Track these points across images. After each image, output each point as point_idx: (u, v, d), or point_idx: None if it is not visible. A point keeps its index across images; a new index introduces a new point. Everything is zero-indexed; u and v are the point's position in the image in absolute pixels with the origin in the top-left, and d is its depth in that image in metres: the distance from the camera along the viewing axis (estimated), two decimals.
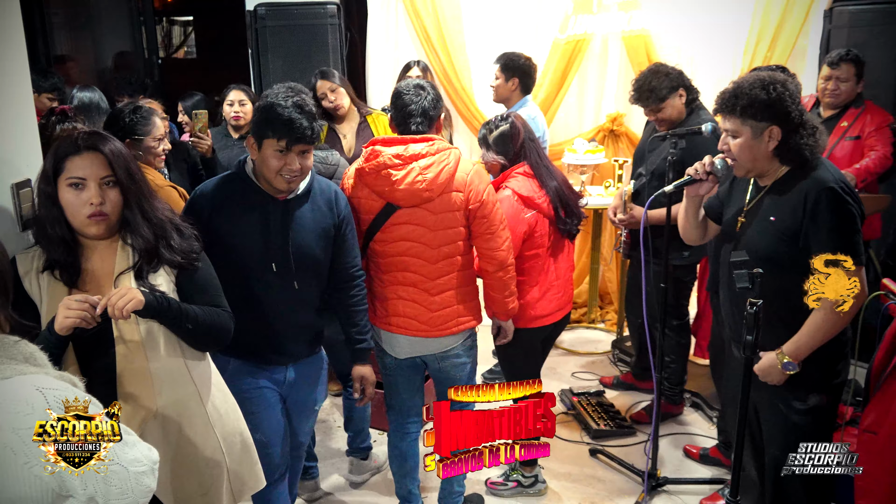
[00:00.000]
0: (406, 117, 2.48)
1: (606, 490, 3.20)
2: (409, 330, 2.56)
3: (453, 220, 2.48)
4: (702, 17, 4.52)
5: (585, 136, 4.83)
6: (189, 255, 1.91)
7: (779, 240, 2.15)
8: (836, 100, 3.73)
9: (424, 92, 2.49)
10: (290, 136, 2.12)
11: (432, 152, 2.42)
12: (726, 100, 2.19)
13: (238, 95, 4.08)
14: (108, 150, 1.80)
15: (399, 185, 2.40)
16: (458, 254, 2.53)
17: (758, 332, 1.88)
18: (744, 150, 2.18)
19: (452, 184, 2.44)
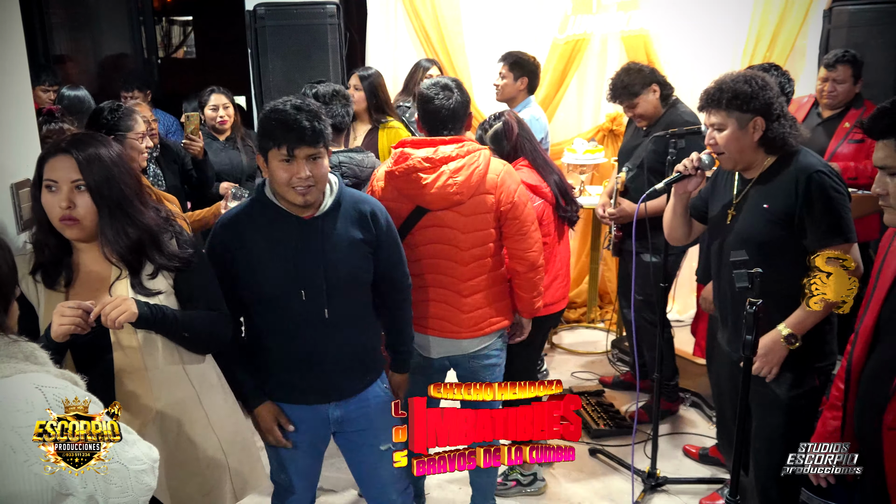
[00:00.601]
0: (438, 123, 2.46)
1: (606, 490, 3.20)
2: (442, 332, 2.54)
3: (484, 222, 2.47)
4: (701, 17, 4.52)
5: (585, 135, 4.83)
6: (182, 260, 1.87)
7: (773, 224, 2.21)
8: (833, 101, 3.74)
9: (453, 94, 2.47)
10: (289, 140, 1.92)
11: (462, 154, 2.40)
12: (711, 95, 2.25)
13: (220, 99, 4.06)
14: (81, 154, 1.75)
15: (430, 189, 2.38)
16: (489, 255, 2.53)
17: (758, 332, 1.88)
18: (730, 141, 2.24)
19: (483, 186, 2.43)
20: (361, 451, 2.28)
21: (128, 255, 1.80)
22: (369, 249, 2.13)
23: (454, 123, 2.48)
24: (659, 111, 3.47)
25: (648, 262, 3.23)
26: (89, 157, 1.76)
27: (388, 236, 2.18)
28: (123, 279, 1.81)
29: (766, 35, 4.45)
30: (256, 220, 2.07)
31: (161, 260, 1.84)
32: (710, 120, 2.28)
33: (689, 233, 2.58)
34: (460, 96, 2.48)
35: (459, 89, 2.50)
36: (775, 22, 4.43)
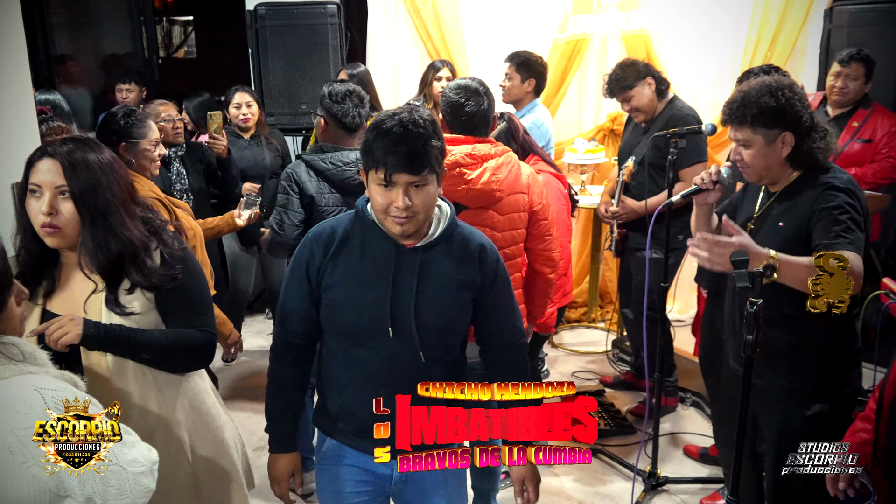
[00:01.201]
0: (472, 127, 2.46)
1: (606, 490, 3.20)
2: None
3: (518, 221, 2.48)
4: (701, 17, 4.52)
5: (585, 135, 4.83)
6: (164, 277, 1.75)
7: (787, 243, 2.11)
8: (843, 98, 3.74)
9: (483, 98, 2.48)
10: (388, 164, 1.65)
11: (499, 153, 2.43)
12: (734, 110, 2.13)
13: (244, 97, 4.09)
14: (68, 158, 1.67)
15: (475, 185, 2.38)
16: (520, 255, 2.54)
17: (758, 332, 1.87)
18: (757, 158, 2.14)
19: (519, 185, 2.46)
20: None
21: (106, 268, 1.71)
22: (471, 295, 1.83)
23: (484, 127, 2.49)
24: (654, 105, 3.48)
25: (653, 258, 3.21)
26: (75, 162, 1.67)
27: (496, 280, 1.86)
28: (98, 293, 1.73)
29: (766, 35, 4.45)
30: (352, 238, 1.81)
31: (138, 277, 1.73)
32: (736, 136, 2.16)
33: None
34: (488, 99, 2.50)
35: (487, 93, 2.51)
36: (776, 22, 4.42)
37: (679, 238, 3.38)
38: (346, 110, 2.74)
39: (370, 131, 1.70)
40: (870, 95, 3.78)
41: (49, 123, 3.20)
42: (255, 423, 3.74)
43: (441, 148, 1.72)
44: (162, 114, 3.53)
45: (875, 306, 2.39)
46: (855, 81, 3.70)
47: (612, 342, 4.48)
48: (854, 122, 3.74)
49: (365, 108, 2.83)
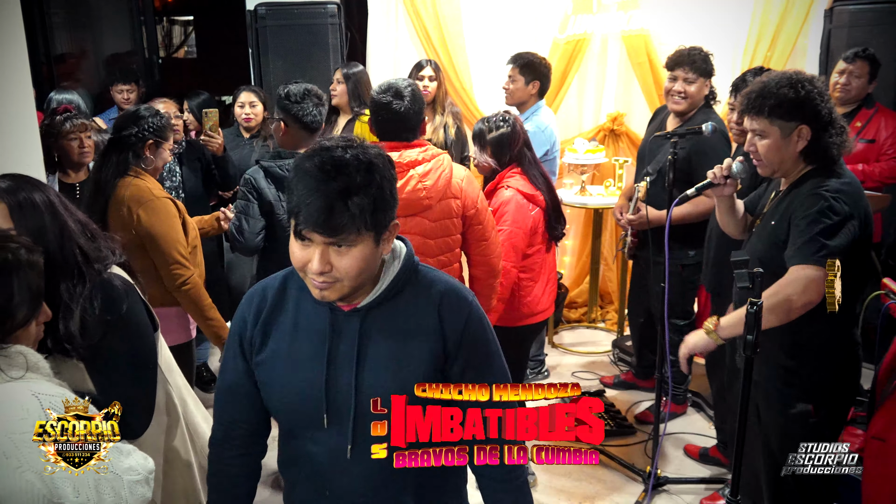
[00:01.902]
0: (394, 131, 2.37)
1: (606, 490, 3.19)
2: None
3: (451, 227, 2.43)
4: (701, 17, 4.51)
5: (585, 135, 4.82)
6: (78, 346, 1.55)
7: (772, 245, 2.13)
8: (846, 95, 3.74)
9: (404, 100, 2.36)
10: (298, 218, 1.29)
11: (428, 158, 2.35)
12: (753, 100, 2.11)
13: (248, 97, 4.11)
14: (16, 200, 1.56)
15: (399, 194, 2.29)
16: (456, 261, 2.49)
17: (758, 332, 1.88)
18: (771, 150, 2.12)
19: (450, 190, 2.39)
20: None
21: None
22: (436, 363, 1.45)
23: (407, 132, 2.38)
24: (696, 106, 3.42)
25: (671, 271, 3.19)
26: (22, 200, 1.57)
27: (472, 340, 1.47)
28: None
29: (766, 35, 4.45)
30: (286, 301, 1.48)
31: (50, 341, 1.54)
32: (752, 126, 2.14)
33: (744, 226, 2.44)
34: (412, 103, 2.37)
35: (414, 94, 2.39)
36: (776, 22, 4.42)
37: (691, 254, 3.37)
38: (305, 110, 2.68)
39: (294, 164, 1.34)
40: (873, 96, 3.78)
41: (73, 121, 3.20)
42: None
43: (385, 197, 1.32)
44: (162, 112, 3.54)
45: (875, 306, 2.40)
46: (858, 79, 3.70)
47: (613, 342, 4.48)
48: (857, 122, 3.73)
49: (324, 106, 2.78)
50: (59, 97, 4.14)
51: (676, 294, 3.10)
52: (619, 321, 4.62)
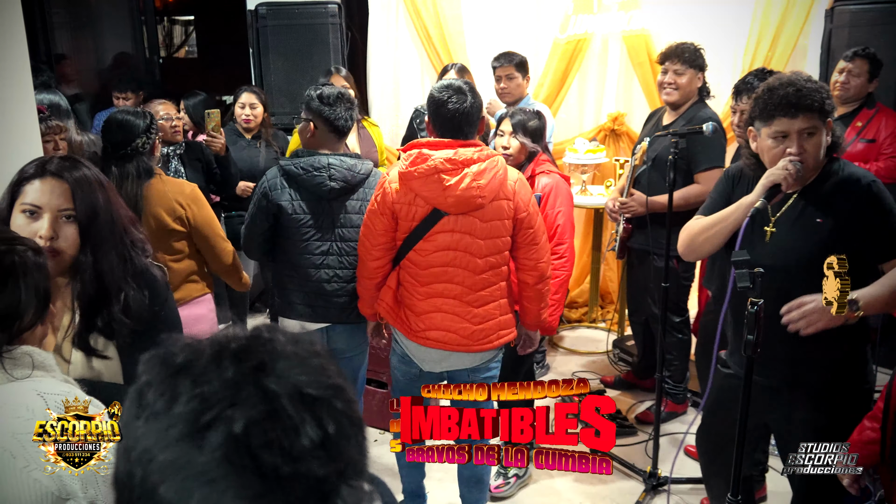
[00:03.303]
0: (453, 127, 2.36)
1: (607, 490, 3.20)
2: (447, 344, 2.45)
3: (501, 228, 2.40)
4: (702, 17, 4.51)
5: (586, 135, 4.83)
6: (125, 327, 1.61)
7: (828, 241, 2.03)
8: (844, 93, 3.74)
9: (467, 97, 2.38)
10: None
11: (483, 158, 2.33)
12: (802, 98, 2.01)
13: (249, 98, 4.12)
14: (75, 179, 1.58)
15: (454, 191, 2.29)
16: (504, 263, 2.47)
17: (758, 333, 1.87)
18: (820, 148, 2.06)
19: (504, 191, 2.37)
20: None
21: (93, 300, 1.61)
22: None
23: (469, 128, 2.39)
24: (690, 98, 3.44)
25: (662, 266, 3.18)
26: (82, 183, 1.59)
27: None
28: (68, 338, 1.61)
29: (767, 35, 4.45)
30: None
31: (101, 323, 1.61)
32: (799, 125, 2.03)
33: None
34: (473, 99, 2.40)
35: (472, 92, 2.41)
36: (776, 22, 4.42)
37: None
38: (337, 113, 2.69)
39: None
40: (875, 96, 3.78)
41: (47, 123, 3.20)
42: None
43: None
44: (161, 112, 3.55)
45: None
46: (857, 78, 3.71)
47: (613, 342, 4.48)
48: (858, 121, 3.74)
49: (354, 110, 2.81)
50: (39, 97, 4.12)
51: (670, 289, 3.10)
52: (619, 321, 4.62)
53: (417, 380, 2.58)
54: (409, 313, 2.49)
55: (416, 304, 2.46)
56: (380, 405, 3.60)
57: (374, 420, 3.64)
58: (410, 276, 2.46)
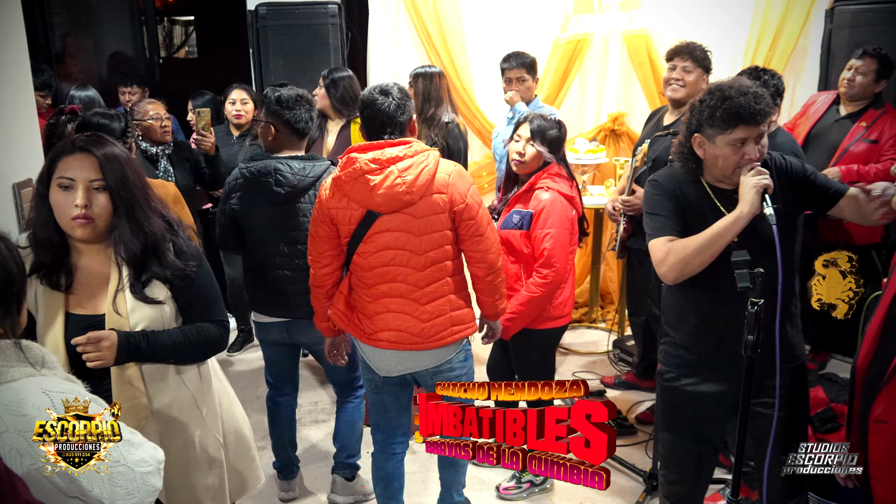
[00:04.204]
0: (378, 127, 2.39)
1: (608, 490, 3.19)
2: (400, 344, 2.44)
3: (438, 223, 2.38)
4: (702, 17, 4.52)
5: (586, 135, 4.83)
6: (181, 272, 1.85)
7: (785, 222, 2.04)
8: (850, 90, 3.76)
9: (390, 97, 2.38)
10: None
11: (410, 154, 2.33)
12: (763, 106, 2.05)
13: (240, 94, 4.14)
14: (102, 153, 1.76)
15: (378, 190, 2.29)
16: (448, 258, 2.44)
17: (759, 333, 1.88)
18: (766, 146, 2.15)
19: (433, 185, 2.35)
20: None
21: (137, 257, 1.80)
22: None
23: (392, 128, 2.39)
24: (693, 97, 3.42)
25: None
26: (108, 157, 1.77)
27: None
28: (122, 291, 1.80)
29: (767, 35, 4.45)
30: None
31: (157, 269, 1.82)
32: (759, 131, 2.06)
33: None
34: (399, 99, 2.39)
35: (401, 92, 2.42)
36: (777, 22, 4.42)
37: None
38: (297, 116, 2.75)
39: None
40: (883, 97, 3.77)
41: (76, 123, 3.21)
42: (255, 423, 3.72)
43: None
44: (150, 112, 3.56)
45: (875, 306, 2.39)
46: (864, 77, 3.71)
47: (613, 342, 4.48)
48: (863, 121, 3.74)
49: (314, 111, 2.84)
50: (80, 94, 4.17)
51: None
52: (619, 321, 4.62)
53: (382, 388, 2.59)
54: (361, 316, 2.49)
55: (367, 307, 2.46)
56: None
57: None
58: (358, 279, 2.47)
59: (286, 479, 3.17)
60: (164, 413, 1.85)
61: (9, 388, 1.27)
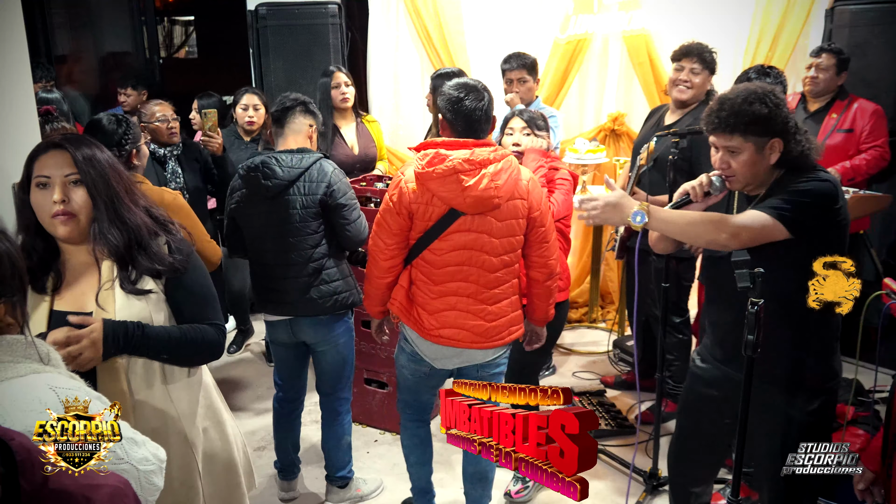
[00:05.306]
0: (473, 124, 2.39)
1: (607, 490, 3.19)
2: (461, 342, 2.47)
3: (516, 227, 2.43)
4: (702, 17, 4.52)
5: (586, 135, 4.83)
6: (170, 265, 1.81)
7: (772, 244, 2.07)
8: (814, 87, 3.88)
9: (482, 95, 2.41)
10: None
11: (498, 158, 2.36)
12: (724, 118, 2.09)
13: (251, 100, 4.09)
14: (75, 148, 1.74)
15: (472, 192, 2.31)
16: (516, 262, 2.50)
17: (759, 333, 1.88)
18: (747, 166, 2.10)
19: (518, 191, 2.40)
20: None
21: (121, 251, 1.76)
22: None
23: (486, 125, 2.42)
24: (698, 98, 3.44)
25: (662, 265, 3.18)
26: (84, 152, 1.74)
27: None
28: (108, 289, 1.76)
29: (767, 35, 4.45)
30: None
31: (146, 263, 1.78)
32: (725, 143, 2.11)
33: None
34: (489, 97, 2.44)
35: (487, 91, 2.45)
36: (777, 22, 4.42)
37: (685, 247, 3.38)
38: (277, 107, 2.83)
39: None
40: (846, 88, 3.89)
41: (54, 124, 3.21)
42: (255, 423, 3.74)
43: None
44: (157, 113, 3.55)
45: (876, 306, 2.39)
46: (825, 72, 3.83)
47: (613, 342, 4.48)
48: (833, 113, 3.87)
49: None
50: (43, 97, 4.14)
51: (670, 290, 3.10)
52: (619, 321, 4.62)
53: (427, 378, 2.62)
54: (421, 312, 2.50)
55: (430, 303, 2.47)
56: (380, 405, 3.60)
57: (375, 420, 3.64)
58: (424, 274, 2.47)
59: (287, 479, 3.17)
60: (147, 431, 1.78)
61: (16, 383, 1.27)
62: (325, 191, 2.73)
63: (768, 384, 2.20)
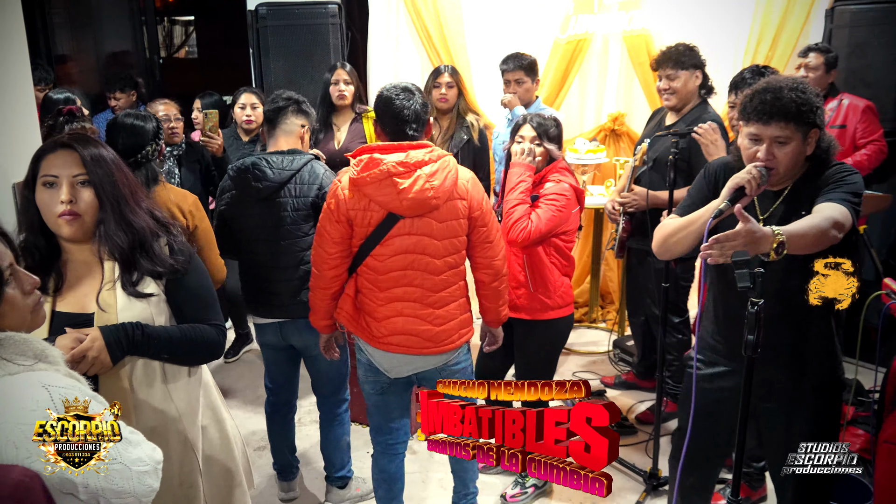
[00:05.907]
0: (401, 124, 2.36)
1: None
2: (411, 348, 2.43)
3: (458, 228, 2.38)
4: (702, 17, 4.52)
5: (586, 135, 4.83)
6: (171, 266, 1.82)
7: None
8: None
9: (414, 95, 2.38)
10: None
11: (434, 159, 2.32)
12: (778, 106, 2.01)
13: (249, 99, 4.07)
14: (84, 148, 1.74)
15: (407, 194, 2.26)
16: (461, 263, 2.45)
17: (759, 333, 1.87)
18: (791, 157, 2.05)
19: (456, 191, 2.36)
20: None
21: (125, 253, 1.76)
22: None
23: (417, 126, 2.38)
24: (690, 99, 3.41)
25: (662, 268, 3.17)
26: (91, 153, 1.74)
27: None
28: (108, 288, 1.76)
29: (767, 35, 4.45)
30: None
31: (147, 265, 1.79)
32: (772, 132, 2.02)
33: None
34: (422, 99, 2.40)
35: (419, 92, 2.42)
36: (777, 22, 4.42)
37: None
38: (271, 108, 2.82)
39: None
40: (836, 85, 3.93)
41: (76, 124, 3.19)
42: (255, 423, 3.74)
43: None
44: (160, 113, 3.54)
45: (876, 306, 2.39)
46: (815, 71, 3.86)
47: (614, 342, 4.48)
48: None
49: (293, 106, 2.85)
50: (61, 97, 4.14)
51: (669, 290, 3.10)
52: (619, 321, 4.62)
53: (388, 389, 2.57)
54: (369, 320, 2.46)
55: (377, 310, 2.43)
56: None
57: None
58: (369, 282, 2.43)
59: (286, 479, 3.17)
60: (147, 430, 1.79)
61: (7, 381, 1.26)
62: (317, 193, 2.72)
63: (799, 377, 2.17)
